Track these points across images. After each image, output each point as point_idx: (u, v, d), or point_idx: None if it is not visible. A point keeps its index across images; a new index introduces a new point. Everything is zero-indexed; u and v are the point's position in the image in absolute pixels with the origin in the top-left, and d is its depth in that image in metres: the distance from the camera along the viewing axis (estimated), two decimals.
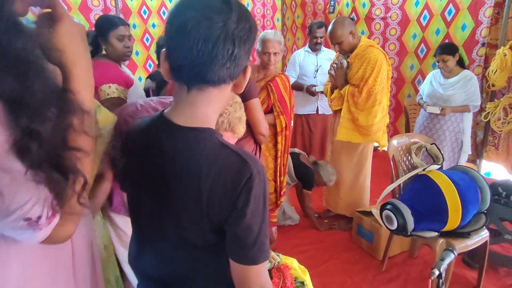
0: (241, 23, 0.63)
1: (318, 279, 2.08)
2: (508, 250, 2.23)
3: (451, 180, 1.74)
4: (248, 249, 0.67)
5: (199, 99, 0.68)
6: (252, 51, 0.72)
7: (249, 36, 0.65)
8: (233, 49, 0.63)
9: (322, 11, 4.49)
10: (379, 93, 2.29)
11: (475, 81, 2.67)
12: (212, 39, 0.61)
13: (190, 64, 0.63)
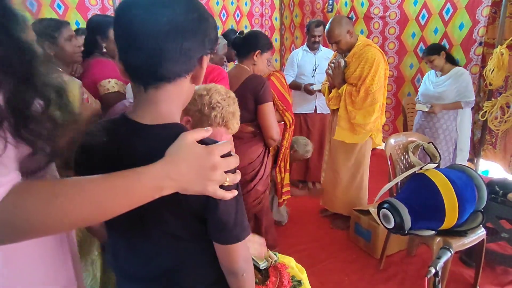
0: (188, 14, 0.62)
1: (316, 278, 2.08)
2: (505, 248, 2.24)
3: (448, 178, 1.75)
4: (231, 230, 0.69)
5: (158, 97, 0.66)
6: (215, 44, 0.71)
7: (199, 27, 0.64)
8: (183, 42, 0.62)
9: (320, 10, 4.49)
10: (376, 92, 2.29)
11: (466, 76, 2.69)
12: (159, 35, 0.60)
13: (142, 63, 0.63)
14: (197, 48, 0.65)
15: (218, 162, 0.60)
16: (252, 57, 1.91)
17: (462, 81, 2.67)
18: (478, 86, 3.19)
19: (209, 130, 0.64)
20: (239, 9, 4.73)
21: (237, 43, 1.93)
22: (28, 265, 0.63)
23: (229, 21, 4.65)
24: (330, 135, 2.65)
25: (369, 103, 2.30)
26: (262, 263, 1.38)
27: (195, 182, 0.59)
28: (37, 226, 0.49)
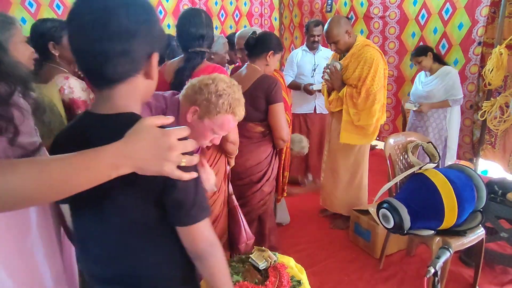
0: (130, 17, 0.64)
1: (315, 277, 2.09)
2: (504, 248, 2.24)
3: (447, 178, 1.75)
4: (189, 210, 0.71)
5: (113, 95, 0.70)
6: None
7: (140, 28, 0.66)
8: (125, 45, 0.65)
9: (319, 10, 4.49)
10: (377, 92, 2.30)
11: (453, 75, 2.77)
12: (102, 40, 0.63)
13: (90, 67, 0.68)
14: (142, 48, 0.68)
15: (175, 143, 0.62)
16: (265, 57, 1.93)
17: (449, 79, 2.75)
18: (477, 86, 3.20)
19: (170, 119, 0.67)
20: (238, 9, 4.73)
21: (250, 43, 1.94)
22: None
23: (228, 21, 4.65)
24: (329, 135, 2.65)
25: (370, 104, 2.30)
26: (262, 263, 1.38)
27: (151, 162, 0.61)
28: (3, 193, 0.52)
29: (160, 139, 0.61)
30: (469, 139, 3.36)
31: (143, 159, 0.61)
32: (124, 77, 0.69)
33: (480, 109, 2.97)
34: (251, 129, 1.96)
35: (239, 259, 1.46)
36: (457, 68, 3.35)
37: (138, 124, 0.63)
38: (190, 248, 0.75)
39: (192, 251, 0.76)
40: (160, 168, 0.62)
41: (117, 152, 0.59)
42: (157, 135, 0.62)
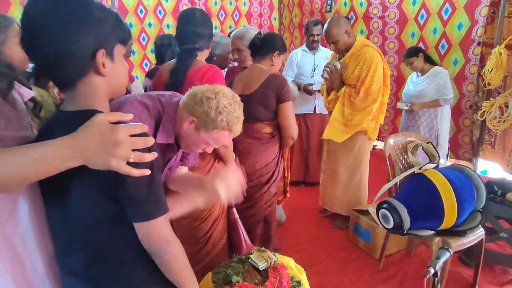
0: (58, 23, 0.66)
1: (315, 278, 2.09)
2: (504, 248, 2.24)
3: (447, 178, 1.75)
4: (142, 206, 0.72)
5: (75, 94, 0.73)
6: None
7: (69, 26, 0.66)
8: (58, 51, 0.66)
9: (319, 10, 4.49)
10: (376, 92, 2.30)
11: (444, 75, 2.85)
12: (36, 49, 0.66)
13: (42, 72, 0.72)
14: (78, 50, 0.68)
15: (122, 139, 0.63)
16: (271, 57, 1.96)
17: (439, 79, 2.82)
18: (477, 86, 3.20)
19: (129, 116, 0.69)
20: (237, 9, 4.73)
21: (256, 44, 1.96)
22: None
23: (227, 21, 4.65)
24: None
25: (368, 103, 2.30)
26: (262, 264, 1.38)
27: (97, 156, 0.63)
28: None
29: (107, 134, 0.63)
30: (469, 139, 3.36)
31: (90, 153, 0.63)
32: (74, 79, 0.71)
33: (480, 109, 2.97)
34: (259, 129, 1.97)
35: (239, 260, 1.45)
36: (456, 68, 3.35)
37: (90, 119, 0.64)
38: (145, 244, 0.76)
39: (148, 247, 0.77)
40: (107, 163, 0.63)
41: (64, 145, 0.62)
42: (105, 130, 0.63)
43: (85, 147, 0.62)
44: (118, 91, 0.81)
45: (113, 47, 0.74)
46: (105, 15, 0.71)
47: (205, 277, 1.42)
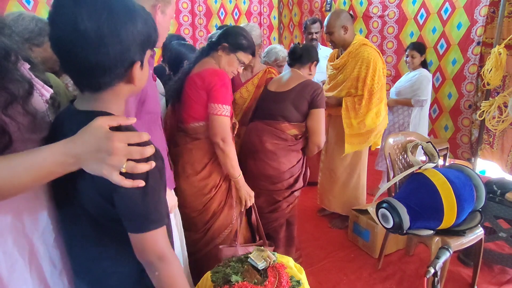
0: (102, 29, 0.63)
1: (314, 277, 2.08)
2: (503, 247, 2.24)
3: (446, 178, 1.75)
4: (135, 218, 0.70)
5: (95, 98, 0.72)
6: None
7: (112, 38, 0.64)
8: (99, 60, 0.65)
9: (319, 9, 4.49)
10: (379, 91, 2.29)
11: (423, 78, 2.94)
12: (76, 56, 0.65)
13: (73, 75, 0.71)
14: (119, 61, 0.67)
15: (117, 148, 0.61)
16: (309, 66, 2.09)
17: (416, 80, 2.93)
18: (476, 85, 3.20)
19: (132, 120, 0.69)
20: (237, 7, 4.71)
21: (298, 53, 2.07)
22: None
23: (227, 20, 4.64)
24: (326, 135, 2.64)
25: (375, 103, 2.29)
26: (261, 263, 1.37)
27: (90, 163, 0.62)
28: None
29: (102, 141, 0.62)
30: (468, 139, 3.37)
31: (83, 160, 0.62)
32: (102, 86, 0.70)
33: (479, 109, 2.98)
34: (285, 129, 1.97)
35: (238, 259, 1.45)
36: (455, 68, 3.35)
37: (89, 124, 0.63)
38: (138, 256, 0.74)
39: (141, 259, 0.74)
40: (100, 171, 0.63)
41: (59, 151, 0.62)
42: (99, 137, 0.62)
43: (79, 153, 0.62)
44: (137, 92, 0.82)
45: (145, 54, 0.73)
46: (146, 27, 0.70)
47: (204, 277, 1.41)
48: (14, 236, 0.70)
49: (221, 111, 1.58)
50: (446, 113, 3.52)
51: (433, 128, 3.64)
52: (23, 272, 0.72)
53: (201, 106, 1.62)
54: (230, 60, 1.66)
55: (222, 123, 1.59)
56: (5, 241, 0.69)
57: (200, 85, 1.60)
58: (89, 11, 0.62)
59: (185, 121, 1.68)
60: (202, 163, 1.69)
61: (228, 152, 1.62)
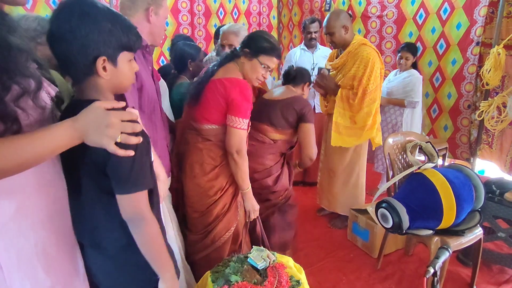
0: (67, 36, 0.81)
1: (314, 277, 2.08)
2: (502, 247, 2.25)
3: (446, 178, 1.75)
4: (124, 181, 0.85)
5: (83, 88, 0.89)
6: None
7: (77, 33, 0.81)
8: (67, 57, 0.84)
9: (318, 9, 4.49)
10: (373, 91, 2.29)
11: (415, 79, 2.98)
12: (55, 53, 0.85)
13: (61, 69, 0.94)
14: (81, 59, 0.83)
15: (113, 122, 0.77)
16: (302, 87, 2.17)
17: (409, 81, 2.95)
18: (475, 86, 3.21)
19: (122, 103, 0.83)
20: (236, 7, 4.71)
21: (291, 74, 2.17)
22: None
23: (226, 19, 4.63)
24: (326, 135, 2.65)
25: (367, 103, 2.30)
26: (260, 263, 1.37)
27: (92, 134, 0.77)
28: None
29: (101, 117, 0.77)
30: (467, 139, 3.37)
31: (87, 132, 0.77)
32: (80, 77, 0.88)
33: (478, 109, 2.98)
34: (265, 131, 2.01)
35: (238, 259, 1.45)
36: (455, 68, 3.36)
37: (90, 105, 0.78)
38: (123, 214, 0.88)
39: (125, 217, 0.89)
40: (100, 141, 0.77)
41: (67, 126, 0.76)
42: (99, 114, 0.77)
43: (83, 127, 0.76)
44: (122, 89, 0.96)
45: (117, 54, 0.87)
46: (111, 27, 0.84)
47: (203, 276, 1.41)
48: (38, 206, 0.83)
49: (239, 124, 1.60)
50: (445, 113, 3.53)
51: (432, 128, 3.64)
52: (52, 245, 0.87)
53: (218, 112, 1.63)
54: (253, 65, 1.63)
55: (238, 136, 1.60)
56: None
57: (221, 93, 1.61)
58: (63, 17, 0.81)
59: (199, 121, 1.69)
60: (211, 164, 1.69)
61: (240, 164, 1.64)
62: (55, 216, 0.87)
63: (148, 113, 1.42)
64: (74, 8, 0.81)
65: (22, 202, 0.78)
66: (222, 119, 1.64)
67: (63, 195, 0.90)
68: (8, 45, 0.69)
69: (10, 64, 0.69)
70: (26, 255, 0.80)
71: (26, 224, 0.79)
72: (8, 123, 0.70)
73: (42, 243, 0.82)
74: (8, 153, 0.68)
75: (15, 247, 0.78)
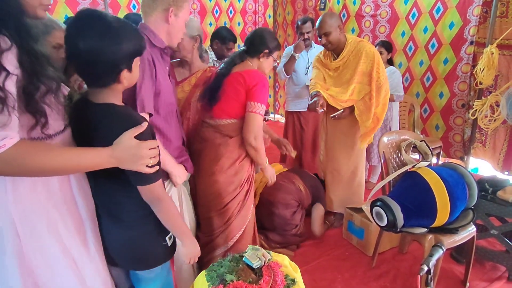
0: (93, 51, 0.94)
1: (309, 276, 2.09)
2: (494, 244, 2.27)
3: (440, 176, 1.76)
4: (142, 177, 1.04)
5: (99, 93, 1.04)
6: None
7: (99, 59, 0.96)
8: (99, 65, 0.97)
9: (312, 8, 4.50)
10: (385, 83, 2.31)
11: (397, 74, 3.09)
12: (87, 59, 0.97)
13: (82, 75, 1.06)
14: (107, 72, 0.99)
15: (145, 153, 0.99)
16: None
17: (394, 77, 3.03)
18: (469, 85, 3.23)
19: (144, 127, 1.01)
20: (232, 6, 4.70)
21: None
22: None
23: (222, 18, 4.62)
24: (324, 135, 2.62)
25: (383, 95, 2.31)
26: (256, 262, 1.37)
27: (129, 163, 0.99)
28: (37, 165, 0.82)
29: (135, 150, 0.98)
30: (460, 138, 3.40)
31: (123, 162, 0.98)
32: (104, 86, 1.03)
33: (471, 108, 3.01)
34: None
35: (233, 258, 1.44)
36: (447, 67, 3.38)
37: (122, 136, 0.98)
38: (143, 198, 1.09)
39: (145, 200, 1.10)
40: (135, 168, 1.00)
41: (106, 154, 0.96)
42: (133, 147, 0.98)
43: (121, 158, 0.97)
44: (129, 86, 1.10)
45: (132, 62, 1.02)
46: (128, 41, 0.98)
47: (198, 276, 1.41)
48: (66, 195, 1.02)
49: (259, 109, 1.65)
50: (437, 113, 3.55)
51: (424, 127, 3.67)
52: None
53: (238, 104, 1.68)
54: (269, 62, 1.81)
55: (257, 121, 1.66)
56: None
57: (241, 83, 1.66)
58: (84, 36, 0.93)
59: (218, 117, 1.72)
60: (230, 159, 1.72)
61: (259, 148, 1.71)
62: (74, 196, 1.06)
63: (164, 115, 1.47)
64: (94, 24, 0.95)
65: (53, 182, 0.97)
66: (242, 112, 1.69)
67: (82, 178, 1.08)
68: (35, 53, 0.83)
69: (38, 68, 0.83)
70: (42, 228, 0.94)
71: (51, 202, 0.96)
72: (38, 116, 0.84)
73: (59, 219, 0.98)
74: (55, 160, 0.85)
75: (37, 220, 0.93)
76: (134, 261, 1.22)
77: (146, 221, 1.16)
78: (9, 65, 0.75)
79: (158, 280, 1.30)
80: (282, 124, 3.59)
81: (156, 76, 1.37)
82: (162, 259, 1.25)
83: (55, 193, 0.98)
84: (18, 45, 0.78)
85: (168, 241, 1.24)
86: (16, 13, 0.79)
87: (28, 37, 0.81)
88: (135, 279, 1.34)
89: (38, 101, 0.83)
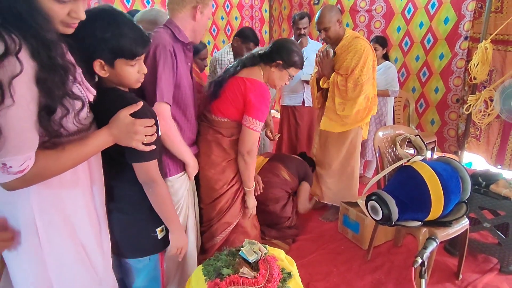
0: (80, 35, 0.95)
1: (305, 269, 2.11)
2: (486, 237, 2.31)
3: (434, 171, 1.78)
4: (137, 155, 1.09)
5: (104, 79, 1.10)
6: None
7: (91, 39, 1.00)
8: (83, 58, 0.98)
9: (307, 3, 4.48)
10: (365, 83, 2.29)
11: (393, 69, 3.11)
12: (83, 44, 1.00)
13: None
14: (88, 56, 1.01)
15: (139, 129, 1.03)
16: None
17: (389, 73, 3.09)
18: (463, 80, 3.25)
19: (139, 105, 1.06)
20: (228, 0, 4.67)
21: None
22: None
23: (218, 12, 4.59)
24: (319, 128, 2.65)
25: (356, 94, 2.29)
26: (252, 257, 1.38)
27: (124, 139, 1.04)
28: (54, 172, 0.90)
29: (129, 126, 1.02)
30: (454, 132, 3.43)
31: (120, 138, 1.03)
32: (92, 72, 1.06)
33: (466, 103, 3.03)
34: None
35: (230, 252, 1.45)
36: (442, 62, 3.40)
37: (117, 114, 1.02)
38: (138, 178, 1.15)
39: (140, 180, 1.15)
40: (130, 144, 1.05)
41: (106, 135, 1.01)
42: (127, 123, 1.02)
43: (117, 134, 1.02)
44: (127, 85, 1.15)
45: (113, 60, 1.05)
46: (115, 38, 1.01)
47: (195, 270, 1.41)
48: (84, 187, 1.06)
49: (254, 126, 1.64)
50: (432, 108, 3.57)
51: (420, 122, 3.69)
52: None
53: (234, 108, 1.68)
54: (282, 75, 1.74)
55: (252, 137, 1.66)
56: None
57: (241, 90, 1.65)
58: (83, 23, 0.93)
59: (213, 113, 1.72)
60: (218, 157, 1.73)
61: (249, 164, 1.71)
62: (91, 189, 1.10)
63: (183, 108, 1.52)
64: (100, 12, 1.03)
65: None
66: (236, 116, 1.68)
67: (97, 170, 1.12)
68: (55, 67, 0.82)
69: (58, 90, 0.84)
70: (58, 223, 0.98)
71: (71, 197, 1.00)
72: (53, 134, 0.88)
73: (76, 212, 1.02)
74: (67, 162, 0.92)
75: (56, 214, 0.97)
76: (121, 246, 1.24)
77: (138, 209, 1.21)
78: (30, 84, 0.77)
79: (145, 271, 1.32)
80: (277, 120, 3.59)
81: (177, 69, 1.41)
82: (150, 250, 1.28)
83: (78, 181, 1.02)
84: (38, 61, 0.78)
85: (159, 233, 1.26)
86: (39, 28, 0.78)
87: (48, 51, 0.80)
88: (123, 271, 1.35)
89: (54, 122, 0.86)
